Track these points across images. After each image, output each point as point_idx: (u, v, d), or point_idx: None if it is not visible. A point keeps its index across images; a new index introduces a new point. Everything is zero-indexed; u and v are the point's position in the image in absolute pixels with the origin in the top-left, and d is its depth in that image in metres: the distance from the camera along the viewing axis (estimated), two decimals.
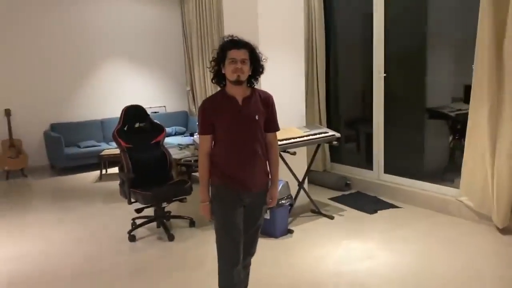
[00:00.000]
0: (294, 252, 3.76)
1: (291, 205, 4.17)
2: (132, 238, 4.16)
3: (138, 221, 4.40)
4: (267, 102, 2.56)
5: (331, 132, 4.36)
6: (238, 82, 2.37)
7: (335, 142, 4.35)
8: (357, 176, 5.54)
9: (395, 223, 4.33)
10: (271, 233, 4.01)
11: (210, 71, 2.55)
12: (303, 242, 3.95)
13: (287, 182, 4.07)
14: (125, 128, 4.39)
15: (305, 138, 4.16)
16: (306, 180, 4.60)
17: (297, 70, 4.57)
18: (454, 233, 4.01)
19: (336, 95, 6.11)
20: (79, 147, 7.39)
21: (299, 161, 4.52)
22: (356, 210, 4.72)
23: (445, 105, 5.13)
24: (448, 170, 5.05)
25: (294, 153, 4.01)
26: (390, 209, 4.73)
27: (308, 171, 4.61)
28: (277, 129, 2.66)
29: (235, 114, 2.42)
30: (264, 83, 3.70)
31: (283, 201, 3.93)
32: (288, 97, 4.40)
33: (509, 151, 3.82)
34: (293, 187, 4.37)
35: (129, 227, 4.35)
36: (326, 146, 5.71)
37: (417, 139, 5.24)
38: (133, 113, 4.47)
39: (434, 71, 5.01)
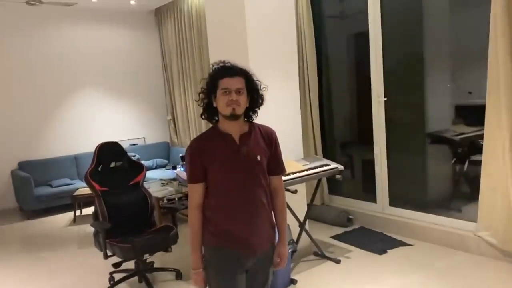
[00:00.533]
0: None
1: (293, 251, 3.69)
2: None
3: (117, 276, 3.85)
4: (269, 138, 2.13)
5: (333, 165, 3.92)
6: (233, 117, 1.96)
7: (338, 176, 3.90)
8: (360, 209, 5.09)
9: (410, 265, 3.86)
10: (271, 286, 3.48)
11: (199, 105, 2.10)
12: None
13: (288, 225, 3.58)
14: (99, 169, 3.90)
15: (306, 173, 3.70)
16: (307, 220, 4.12)
17: (291, 95, 4.16)
18: (479, 274, 3.56)
19: (330, 121, 5.73)
20: (51, 186, 6.80)
21: (297, 198, 4.03)
22: (363, 250, 4.25)
23: (446, 128, 4.80)
24: (455, 199, 4.68)
25: (295, 192, 3.55)
26: (400, 248, 4.27)
27: (309, 210, 4.14)
28: (283, 171, 2.22)
29: (232, 155, 2.01)
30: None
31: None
32: (283, 126, 3.92)
33: None
34: (293, 228, 3.90)
35: (106, 282, 3.79)
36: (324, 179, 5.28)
37: (422, 167, 4.86)
38: (108, 151, 3.97)
39: (432, 92, 4.67)
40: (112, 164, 3.95)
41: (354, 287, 3.51)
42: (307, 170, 3.76)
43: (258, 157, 2.04)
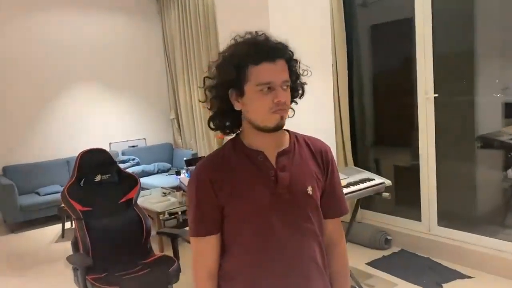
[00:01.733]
0: None
1: None
2: None
3: None
4: (324, 158, 1.39)
5: (378, 179, 3.11)
6: (278, 129, 1.23)
7: (386, 194, 3.08)
8: (399, 228, 4.30)
9: None
10: None
11: (206, 108, 1.33)
12: None
13: None
14: (81, 183, 3.15)
15: (347, 190, 2.91)
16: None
17: (325, 94, 3.50)
18: None
19: (362, 123, 4.96)
20: (38, 194, 6.13)
21: None
22: (412, 284, 3.45)
23: (498, 130, 4.14)
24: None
25: None
26: (458, 280, 3.47)
27: (348, 235, 3.36)
28: (345, 211, 1.45)
29: (267, 186, 1.27)
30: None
31: None
32: (314, 131, 3.17)
33: None
34: None
35: None
36: None
37: (478, 178, 4.11)
38: (93, 160, 3.21)
39: (483, 89, 4.03)
40: (98, 178, 3.19)
41: None
42: (346, 186, 2.96)
43: (309, 189, 1.30)
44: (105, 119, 7.26)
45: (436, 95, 3.87)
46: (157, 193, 5.26)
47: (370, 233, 4.28)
